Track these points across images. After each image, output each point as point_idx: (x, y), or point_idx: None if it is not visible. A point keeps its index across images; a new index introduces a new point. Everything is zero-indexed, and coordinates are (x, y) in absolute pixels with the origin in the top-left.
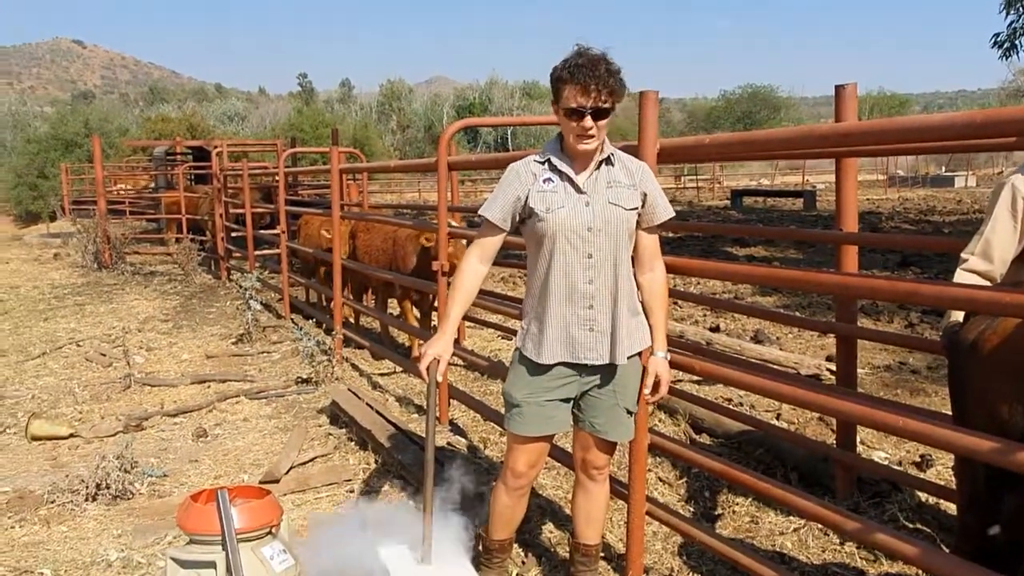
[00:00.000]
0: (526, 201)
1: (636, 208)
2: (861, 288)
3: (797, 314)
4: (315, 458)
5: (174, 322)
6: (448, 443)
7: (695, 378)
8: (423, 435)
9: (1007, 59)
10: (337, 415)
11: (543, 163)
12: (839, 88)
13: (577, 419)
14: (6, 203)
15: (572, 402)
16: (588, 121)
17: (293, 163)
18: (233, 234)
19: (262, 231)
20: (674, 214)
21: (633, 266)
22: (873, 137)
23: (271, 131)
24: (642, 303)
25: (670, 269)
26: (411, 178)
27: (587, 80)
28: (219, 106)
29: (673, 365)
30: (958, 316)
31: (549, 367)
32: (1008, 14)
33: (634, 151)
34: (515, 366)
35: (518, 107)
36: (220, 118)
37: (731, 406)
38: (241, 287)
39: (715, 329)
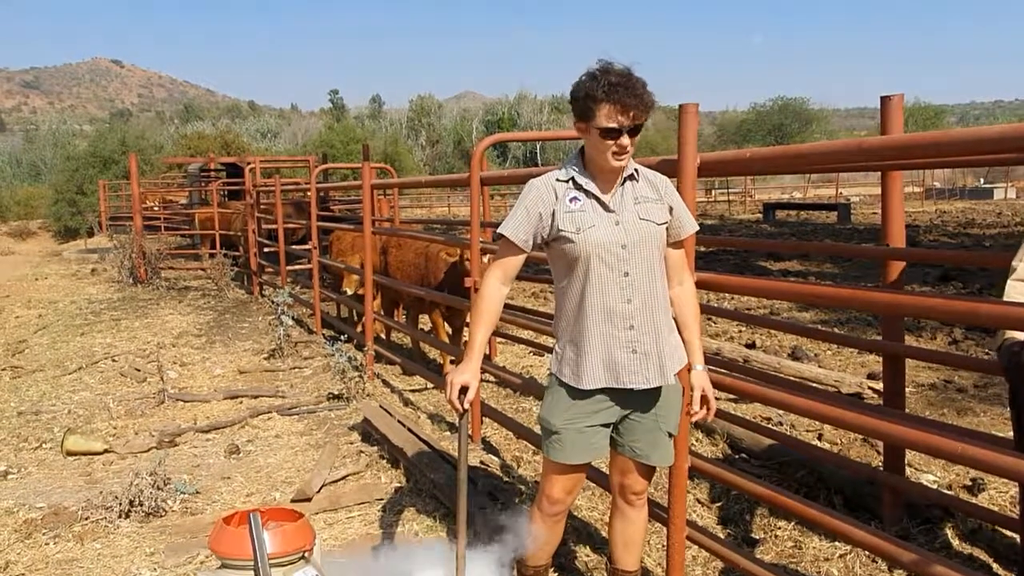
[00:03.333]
0: (552, 222)
1: (666, 223)
2: (915, 308)
3: (836, 330)
4: (347, 476)
5: (207, 337)
6: (481, 462)
7: (732, 396)
8: (456, 454)
9: None
10: (369, 432)
11: (566, 181)
12: (885, 99)
13: (615, 443)
14: (46, 219)
15: (612, 427)
16: (625, 139)
17: (324, 179)
18: (265, 249)
19: (295, 246)
20: (698, 227)
21: None
22: (926, 151)
23: (303, 147)
24: (674, 318)
25: (716, 288)
26: (441, 193)
27: (626, 99)
28: (252, 123)
29: (716, 385)
30: (1014, 333)
31: (590, 393)
32: None
33: (673, 166)
34: (552, 391)
35: (547, 121)
36: (253, 135)
37: (770, 425)
38: (273, 302)
39: (751, 346)
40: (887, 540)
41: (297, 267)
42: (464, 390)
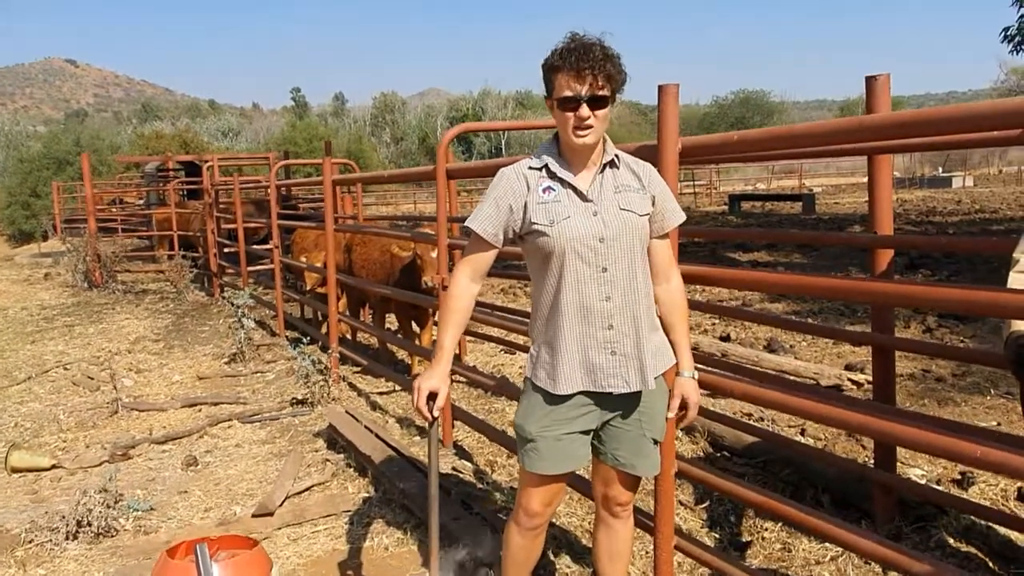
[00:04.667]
0: (524, 214)
1: (648, 214)
2: (925, 298)
3: (810, 321)
4: (312, 487)
5: (165, 342)
6: (454, 468)
7: (710, 391)
8: (426, 459)
9: (1018, 53)
10: (335, 439)
11: (539, 169)
12: (870, 79)
13: (597, 451)
14: (0, 223)
15: (592, 433)
16: (584, 110)
17: (287, 176)
18: (226, 250)
19: (257, 246)
20: (684, 218)
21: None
22: (932, 127)
23: (264, 145)
24: (660, 318)
25: (703, 281)
26: (406, 189)
27: (580, 64)
28: (213, 122)
29: (705, 385)
30: (1019, 325)
31: (567, 397)
32: (1021, 7)
33: (653, 151)
34: (527, 396)
35: (511, 117)
36: (214, 134)
37: (751, 421)
38: (233, 305)
39: (726, 338)
40: (881, 544)
41: (259, 267)
42: (433, 396)
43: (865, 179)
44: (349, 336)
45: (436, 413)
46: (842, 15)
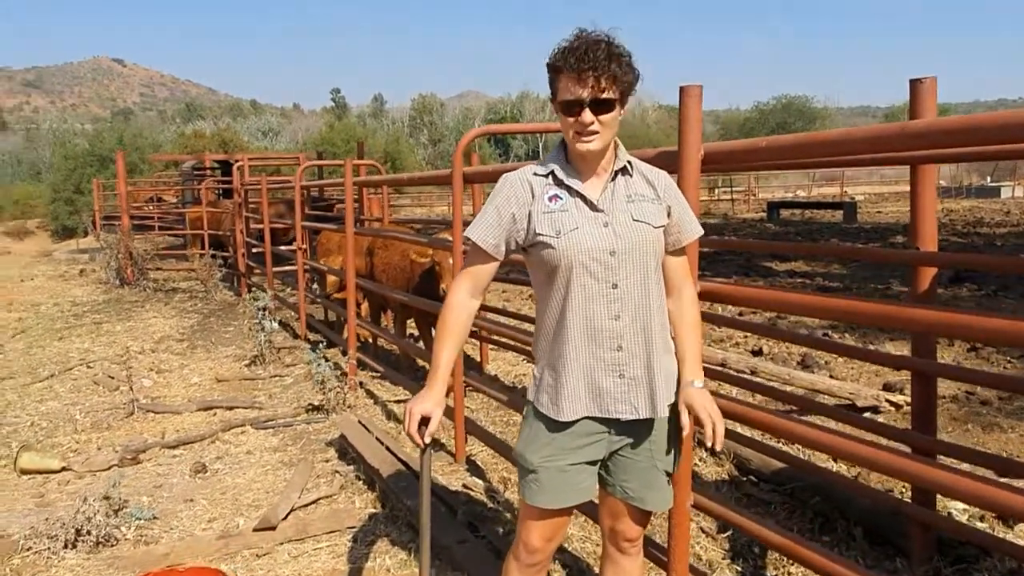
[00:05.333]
0: (528, 224)
1: (664, 226)
2: (973, 329)
3: (848, 336)
4: (319, 499)
5: (189, 342)
6: (464, 485)
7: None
8: (429, 481)
9: None
10: (346, 449)
11: (546, 176)
12: (915, 83)
13: (605, 482)
14: (44, 219)
15: (599, 464)
16: (587, 115)
17: (320, 177)
18: (254, 250)
19: (283, 247)
20: (702, 232)
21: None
22: (991, 134)
23: (303, 146)
24: (675, 336)
25: (736, 301)
26: (442, 191)
27: (581, 65)
28: (254, 122)
29: (729, 415)
30: None
31: (571, 424)
32: None
33: (673, 158)
34: (529, 423)
35: (550, 120)
36: (254, 133)
37: (778, 442)
38: (255, 307)
39: (758, 352)
40: None
41: (286, 268)
42: (426, 421)
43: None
44: (370, 340)
45: (428, 439)
46: (890, 19)
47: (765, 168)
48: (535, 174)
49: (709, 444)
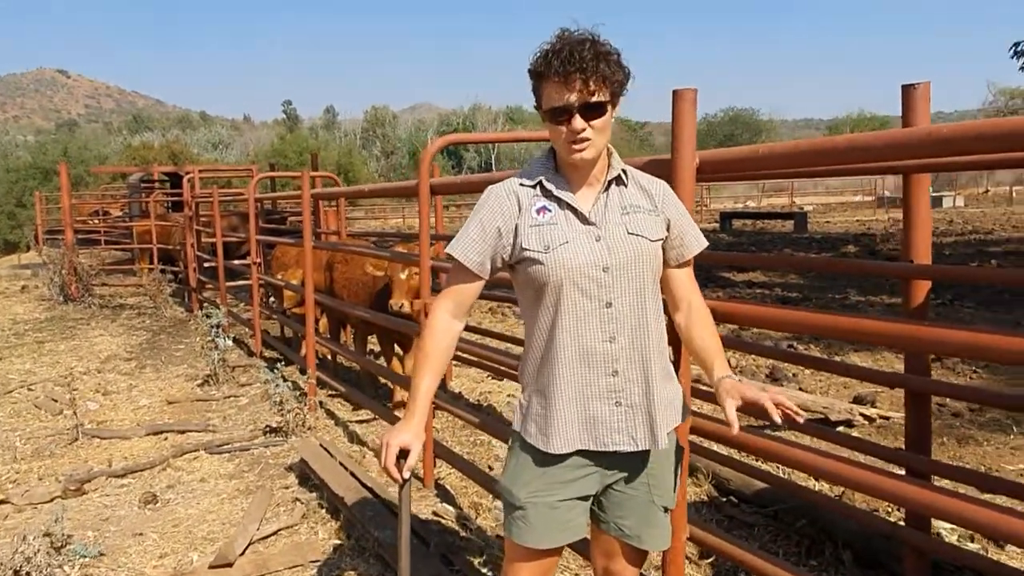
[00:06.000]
0: (515, 239)
1: (662, 239)
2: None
3: (812, 348)
4: (279, 531)
5: (138, 361)
6: (435, 513)
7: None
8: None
9: None
10: (307, 475)
11: (533, 186)
12: (908, 88)
13: (598, 518)
14: None
15: (592, 499)
16: (577, 121)
17: (274, 189)
18: (206, 264)
19: (237, 261)
20: (706, 243)
21: (665, 309)
22: (1006, 141)
23: (254, 158)
24: (688, 342)
25: (733, 320)
26: (396, 203)
27: (567, 68)
28: (203, 133)
29: (712, 437)
30: None
31: (563, 457)
32: None
33: (665, 166)
34: (515, 455)
35: (502, 131)
36: (204, 145)
37: (759, 462)
38: (208, 324)
39: None
40: None
41: (239, 283)
42: (405, 454)
43: (856, 198)
44: (330, 358)
45: (407, 474)
46: (827, 35)
47: (758, 177)
48: (522, 184)
49: (779, 419)
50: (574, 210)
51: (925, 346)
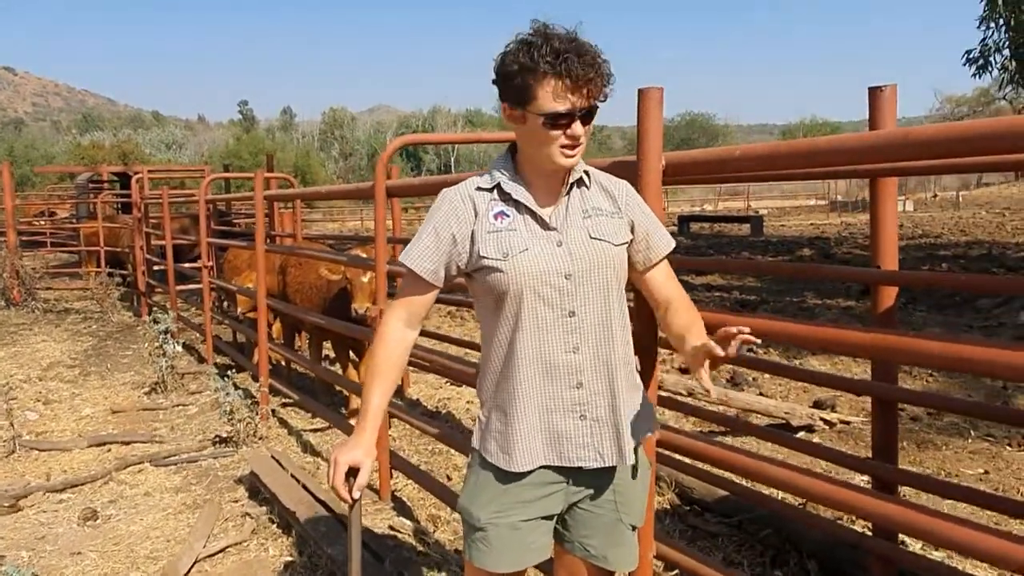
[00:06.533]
0: (471, 245)
1: (626, 242)
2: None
3: (772, 352)
4: (227, 548)
5: (82, 368)
6: (391, 527)
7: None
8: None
9: (979, 76)
10: (258, 487)
11: (490, 190)
12: (874, 91)
13: (562, 537)
14: None
15: (556, 517)
16: (579, 127)
17: (228, 191)
18: (155, 267)
19: (188, 264)
20: (674, 244)
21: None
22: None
23: (208, 159)
24: (668, 334)
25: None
26: (353, 205)
27: (578, 69)
28: (156, 133)
29: (696, 455)
30: None
31: (525, 474)
32: (986, 29)
33: (630, 168)
34: (475, 473)
35: (460, 133)
36: (157, 146)
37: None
38: (155, 330)
39: (685, 370)
40: None
41: (190, 287)
42: (354, 472)
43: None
44: (283, 364)
45: (357, 494)
46: (777, 40)
47: (727, 180)
48: (478, 188)
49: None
50: (534, 215)
51: (901, 357)
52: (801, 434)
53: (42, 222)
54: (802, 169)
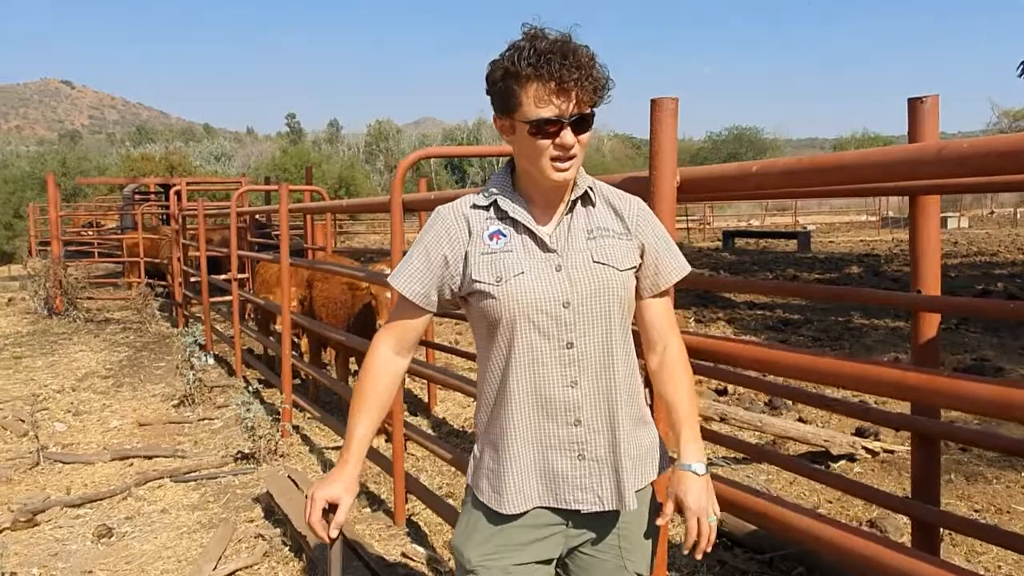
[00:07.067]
0: (464, 268)
1: (634, 267)
2: None
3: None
4: (237, 571)
5: (115, 379)
6: (403, 554)
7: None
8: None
9: None
10: (273, 508)
11: (486, 207)
12: (915, 102)
13: None
14: None
15: (556, 562)
16: (568, 136)
17: (268, 202)
18: (191, 279)
19: (222, 276)
20: (690, 269)
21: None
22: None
23: (255, 170)
24: (658, 395)
25: (715, 358)
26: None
27: (564, 72)
28: (206, 145)
29: (728, 503)
30: None
31: (518, 516)
32: None
33: (643, 184)
34: (467, 511)
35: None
36: (207, 158)
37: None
38: (184, 341)
39: (722, 392)
40: None
41: (224, 299)
42: (334, 508)
43: (860, 217)
44: (310, 379)
45: (335, 532)
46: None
47: (751, 197)
48: (473, 206)
49: (686, 551)
50: (532, 235)
51: (942, 401)
52: (842, 463)
53: (89, 233)
54: (827, 186)
